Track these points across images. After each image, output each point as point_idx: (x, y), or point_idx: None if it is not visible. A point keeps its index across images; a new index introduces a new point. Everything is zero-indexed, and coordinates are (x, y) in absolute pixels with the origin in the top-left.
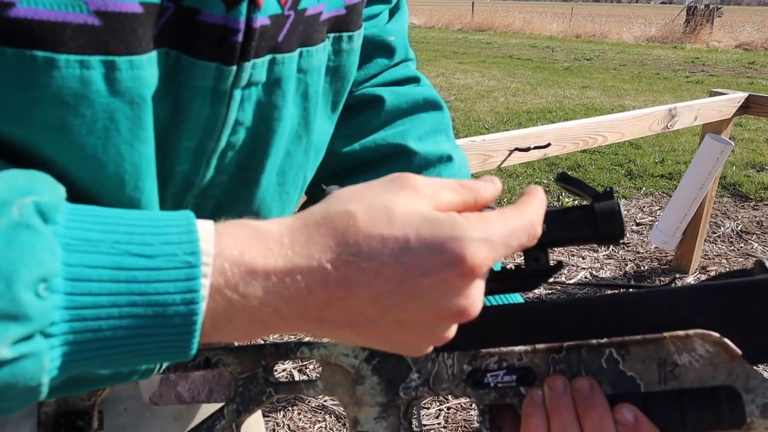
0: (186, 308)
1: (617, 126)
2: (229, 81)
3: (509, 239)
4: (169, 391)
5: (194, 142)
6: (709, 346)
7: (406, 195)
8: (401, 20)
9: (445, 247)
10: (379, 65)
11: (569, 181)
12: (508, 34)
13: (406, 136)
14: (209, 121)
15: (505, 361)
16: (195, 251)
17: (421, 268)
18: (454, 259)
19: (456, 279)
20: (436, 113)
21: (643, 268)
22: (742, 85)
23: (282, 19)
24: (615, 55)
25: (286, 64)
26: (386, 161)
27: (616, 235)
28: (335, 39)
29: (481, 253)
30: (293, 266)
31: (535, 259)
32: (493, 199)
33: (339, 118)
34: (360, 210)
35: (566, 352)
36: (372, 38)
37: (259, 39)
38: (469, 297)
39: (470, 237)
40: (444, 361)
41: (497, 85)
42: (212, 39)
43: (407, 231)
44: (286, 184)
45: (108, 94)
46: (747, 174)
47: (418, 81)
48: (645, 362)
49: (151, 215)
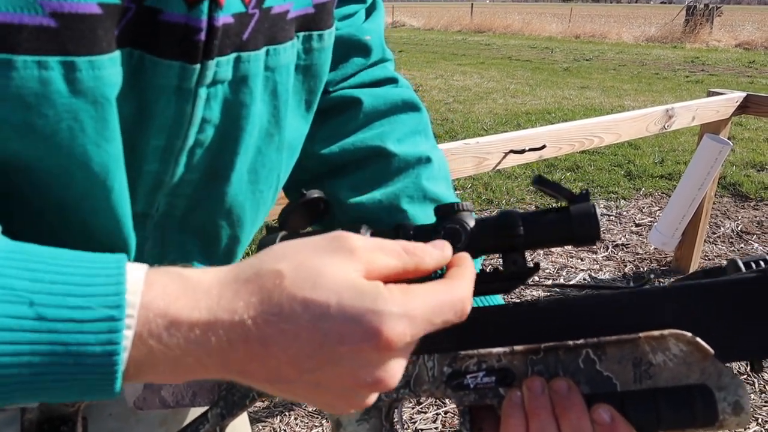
0: (106, 359)
1: (614, 127)
2: (193, 79)
3: (432, 316)
4: (153, 395)
5: (162, 141)
6: (683, 346)
7: (340, 259)
8: (377, 20)
9: (363, 319)
10: (355, 65)
11: (545, 184)
12: (507, 36)
13: (384, 138)
14: (175, 119)
15: (484, 362)
16: (120, 305)
17: (339, 335)
18: (370, 332)
19: (372, 352)
20: (415, 114)
21: (642, 270)
22: (742, 84)
23: (246, 17)
24: (614, 56)
25: (252, 61)
26: (365, 163)
27: (592, 237)
28: (305, 38)
29: (399, 329)
30: (216, 320)
31: (513, 261)
32: (438, 268)
33: (317, 121)
34: (288, 270)
35: (544, 353)
36: (348, 38)
37: (223, 37)
38: (387, 370)
39: (389, 312)
40: (424, 363)
41: (496, 87)
42: (175, 38)
43: (330, 297)
44: (258, 182)
45: (69, 94)
46: (747, 174)
47: (396, 82)
48: (621, 362)
49: (83, 260)
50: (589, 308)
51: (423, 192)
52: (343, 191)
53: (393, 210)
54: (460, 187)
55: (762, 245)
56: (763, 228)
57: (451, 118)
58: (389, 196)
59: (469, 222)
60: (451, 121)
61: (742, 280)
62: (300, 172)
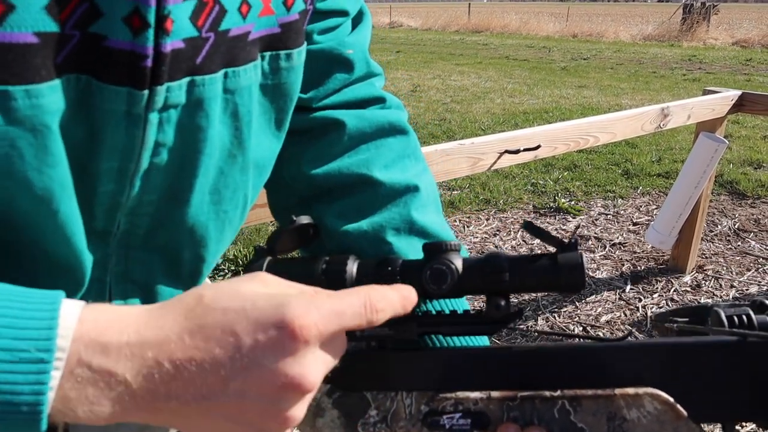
0: (33, 398)
1: (609, 126)
2: (141, 105)
3: (340, 309)
4: None
5: (115, 163)
6: (658, 405)
7: (256, 283)
8: (362, 33)
9: (275, 312)
10: (338, 80)
11: (534, 230)
12: (504, 35)
13: (370, 164)
14: (126, 143)
15: (461, 404)
16: (50, 348)
17: (254, 332)
18: (281, 321)
19: (286, 341)
20: (402, 138)
21: (639, 269)
22: (739, 82)
23: (199, 41)
24: (612, 54)
25: (208, 85)
26: (351, 191)
27: (577, 286)
28: (271, 57)
29: (309, 317)
30: (144, 341)
31: (496, 306)
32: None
33: (301, 141)
34: (209, 291)
35: (521, 401)
36: (329, 52)
37: (172, 63)
38: (304, 365)
39: (297, 302)
40: (402, 401)
41: (494, 86)
42: (121, 64)
43: (245, 303)
44: (222, 203)
45: (4, 122)
46: (744, 171)
47: (383, 101)
48: (596, 415)
49: (20, 300)
50: (569, 359)
51: (410, 223)
52: (330, 218)
53: (378, 241)
54: (458, 187)
55: (759, 243)
56: (760, 226)
57: (449, 118)
58: (375, 227)
59: (455, 262)
60: (448, 121)
61: (721, 344)
62: (288, 195)
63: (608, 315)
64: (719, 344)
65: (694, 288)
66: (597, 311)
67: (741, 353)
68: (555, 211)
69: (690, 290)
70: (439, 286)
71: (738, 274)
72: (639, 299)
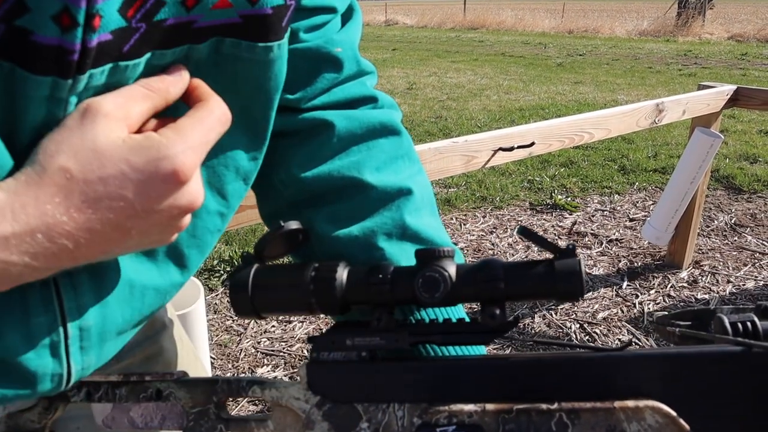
0: None
1: (603, 122)
2: (65, 91)
3: (207, 137)
4: (122, 415)
5: (37, 138)
6: (659, 418)
7: (102, 126)
8: (352, 30)
9: (158, 169)
10: (326, 80)
11: (530, 236)
12: (500, 32)
13: (361, 167)
14: (45, 122)
15: (455, 417)
16: None
17: (145, 192)
18: (168, 176)
19: (175, 189)
20: (394, 138)
21: (636, 265)
22: (735, 76)
23: (129, 31)
24: (607, 50)
25: (131, 68)
26: (342, 195)
27: (575, 294)
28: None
29: (189, 162)
30: (31, 228)
31: (491, 315)
32: (182, 93)
33: (290, 144)
34: (71, 162)
35: (516, 414)
36: (316, 50)
37: (98, 53)
38: (191, 193)
39: (175, 152)
40: (394, 413)
41: (490, 83)
42: (47, 57)
43: (121, 166)
44: None
45: None
46: (740, 166)
47: (374, 101)
48: (594, 428)
49: None
50: (567, 369)
51: (403, 228)
52: (320, 223)
53: (369, 247)
54: (454, 184)
55: (755, 238)
56: (757, 220)
57: (445, 116)
58: (366, 232)
59: (449, 269)
60: (445, 118)
61: (725, 354)
62: (277, 199)
63: (605, 312)
64: (723, 355)
65: (691, 284)
66: (594, 308)
67: (746, 364)
68: (551, 207)
69: (687, 286)
70: (431, 295)
71: (734, 269)
72: (636, 296)
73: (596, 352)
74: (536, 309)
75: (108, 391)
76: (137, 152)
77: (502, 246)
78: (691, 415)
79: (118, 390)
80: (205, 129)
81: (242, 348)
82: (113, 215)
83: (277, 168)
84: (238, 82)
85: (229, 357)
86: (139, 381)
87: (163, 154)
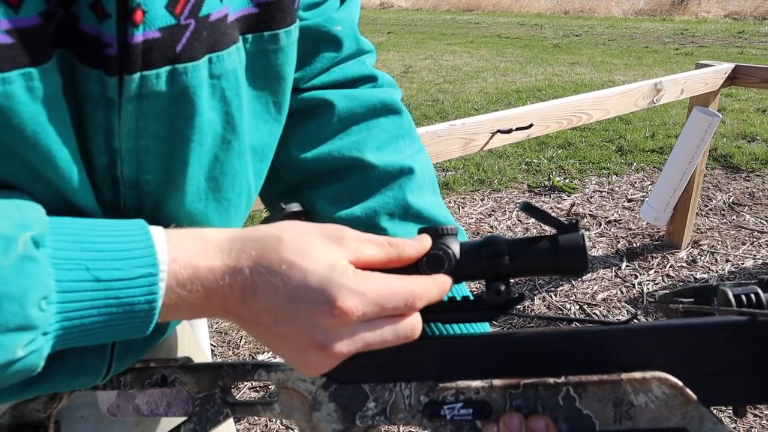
0: (148, 306)
1: (601, 103)
2: (113, 90)
3: (384, 300)
4: (127, 403)
5: (101, 140)
6: (666, 389)
7: (331, 243)
8: (350, 8)
9: (325, 287)
10: (326, 59)
11: (533, 212)
12: (496, 14)
13: (362, 146)
14: (105, 124)
15: (462, 394)
16: (154, 263)
17: (305, 296)
18: (327, 299)
19: (326, 316)
20: (395, 117)
21: (635, 245)
22: (732, 55)
23: (178, 29)
24: (604, 30)
25: (191, 72)
26: (343, 175)
27: (579, 269)
28: (255, 39)
29: (351, 302)
30: (226, 267)
31: (496, 291)
32: (417, 258)
33: (289, 124)
34: (287, 238)
35: (523, 389)
36: (316, 29)
37: (146, 52)
38: (332, 337)
39: (347, 287)
40: (401, 391)
41: (486, 65)
42: (90, 47)
43: (310, 266)
44: (221, 190)
45: (31, 102)
46: (738, 145)
47: (374, 80)
48: (602, 401)
49: (117, 229)
50: (573, 344)
51: (405, 207)
52: (321, 204)
53: (372, 227)
54: (452, 167)
55: (754, 216)
56: (755, 199)
57: (442, 99)
58: (368, 212)
59: (452, 247)
60: (441, 101)
61: (730, 324)
62: (277, 181)
63: (604, 293)
64: (728, 325)
65: (690, 263)
66: (593, 289)
67: (751, 333)
68: (550, 189)
69: (686, 266)
70: (436, 272)
71: (733, 248)
72: (635, 276)
73: (602, 326)
74: (536, 290)
75: (112, 378)
76: (328, 269)
77: (501, 228)
78: (698, 385)
79: (122, 377)
80: (387, 292)
81: (243, 335)
82: (274, 295)
83: (276, 150)
84: (268, 77)
85: (229, 344)
86: (143, 368)
87: (340, 280)
